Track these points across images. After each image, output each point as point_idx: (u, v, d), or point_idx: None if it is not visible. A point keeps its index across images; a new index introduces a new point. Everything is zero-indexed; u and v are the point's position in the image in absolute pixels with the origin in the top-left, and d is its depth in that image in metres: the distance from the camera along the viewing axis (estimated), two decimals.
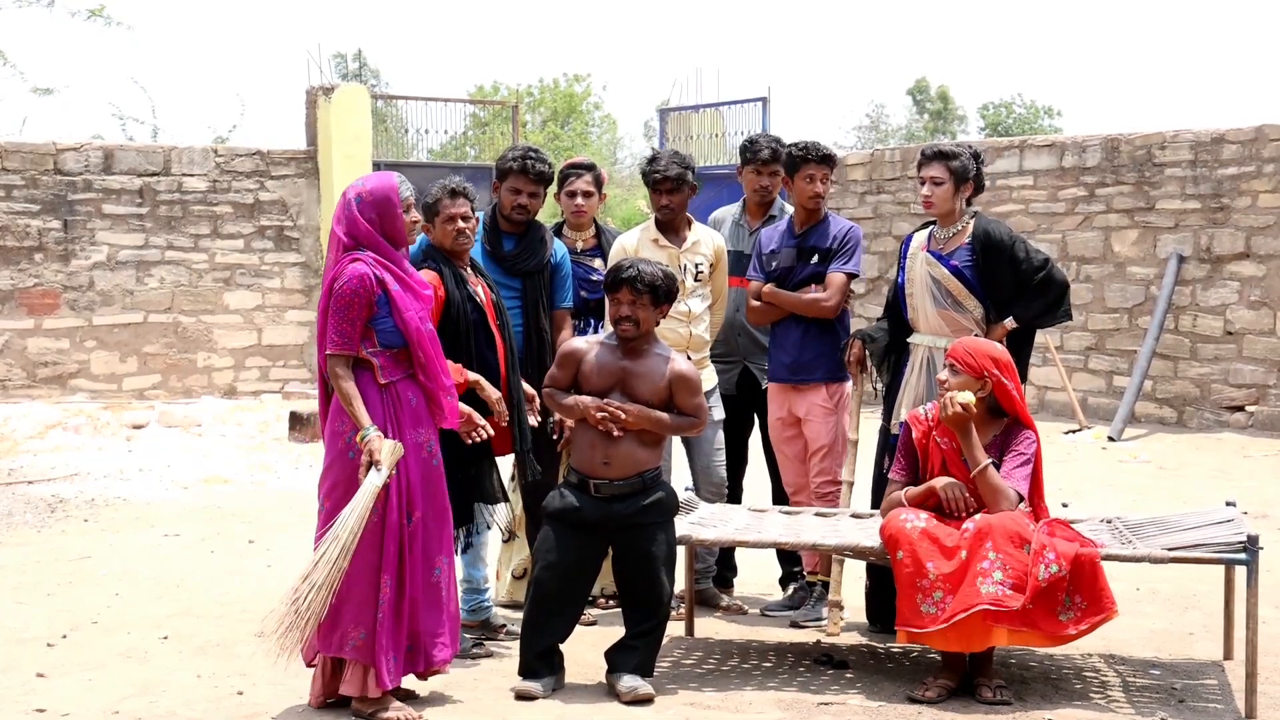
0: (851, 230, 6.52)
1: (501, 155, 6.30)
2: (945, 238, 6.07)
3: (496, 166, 6.26)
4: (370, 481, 4.79)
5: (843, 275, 6.41)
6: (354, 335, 4.89)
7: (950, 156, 6.04)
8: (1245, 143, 12.51)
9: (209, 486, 10.13)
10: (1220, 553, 5.17)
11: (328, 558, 4.72)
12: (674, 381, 5.34)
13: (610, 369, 5.35)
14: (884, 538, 5.32)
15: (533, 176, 6.10)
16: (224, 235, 14.90)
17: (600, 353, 5.39)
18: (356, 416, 4.85)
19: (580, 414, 5.32)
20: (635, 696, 5.12)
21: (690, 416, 5.38)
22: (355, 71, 36.17)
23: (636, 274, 5.33)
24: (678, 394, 5.35)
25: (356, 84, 19.74)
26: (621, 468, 5.28)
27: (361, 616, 4.85)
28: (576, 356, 5.42)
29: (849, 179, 15.78)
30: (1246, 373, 12.47)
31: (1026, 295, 6.00)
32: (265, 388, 14.96)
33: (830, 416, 6.35)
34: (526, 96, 35.03)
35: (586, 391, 5.35)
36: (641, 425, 5.29)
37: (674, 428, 5.40)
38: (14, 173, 14.09)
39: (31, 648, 5.87)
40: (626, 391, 5.32)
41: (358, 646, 4.86)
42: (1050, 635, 5.10)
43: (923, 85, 42.42)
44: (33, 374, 14.11)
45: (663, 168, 6.45)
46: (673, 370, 5.35)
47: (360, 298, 4.87)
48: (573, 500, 5.31)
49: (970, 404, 5.29)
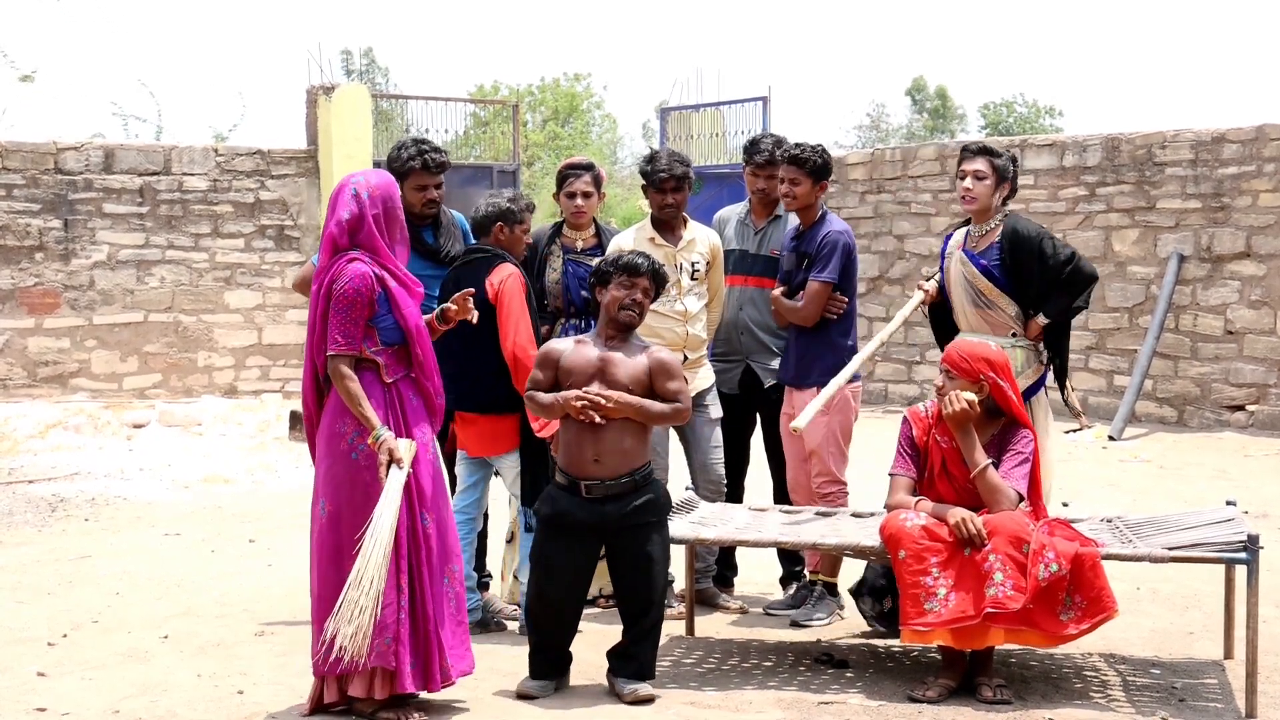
0: (829, 236, 6.38)
1: (394, 157, 6.22)
2: (978, 236, 6.16)
3: (393, 169, 6.14)
4: (394, 480, 4.78)
5: (815, 284, 6.35)
6: (357, 335, 4.87)
7: (995, 154, 6.18)
8: (1246, 142, 12.50)
9: (209, 486, 10.13)
10: (1221, 552, 5.17)
11: (374, 559, 4.69)
12: (653, 368, 5.33)
13: (589, 362, 5.33)
14: (884, 537, 5.32)
15: (434, 169, 6.18)
16: (224, 234, 14.90)
17: (577, 349, 5.39)
18: (366, 417, 4.83)
19: (562, 411, 5.29)
20: (636, 697, 5.13)
21: (673, 403, 5.36)
22: (363, 69, 36.17)
23: (648, 263, 5.41)
24: (657, 380, 5.32)
25: (357, 83, 19.73)
26: (612, 465, 5.24)
27: (385, 622, 4.81)
28: (554, 355, 5.40)
29: (849, 178, 15.78)
30: (1247, 372, 12.47)
31: (1056, 290, 6.05)
32: (266, 387, 14.96)
33: (822, 418, 6.35)
34: (527, 96, 35.06)
35: (568, 388, 5.33)
36: (624, 412, 5.24)
37: (657, 415, 5.33)
38: (14, 172, 14.09)
39: (32, 647, 5.87)
40: (606, 382, 5.29)
41: (382, 653, 4.81)
42: (1051, 634, 5.10)
43: (920, 84, 42.41)
44: (33, 373, 14.11)
45: (666, 167, 6.43)
46: (651, 357, 5.36)
47: (363, 296, 4.85)
48: (564, 504, 5.30)
49: (973, 401, 5.30)
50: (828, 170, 6.47)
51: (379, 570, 4.70)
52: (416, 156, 6.16)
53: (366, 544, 4.72)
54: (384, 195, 4.98)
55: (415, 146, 6.21)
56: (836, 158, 16.38)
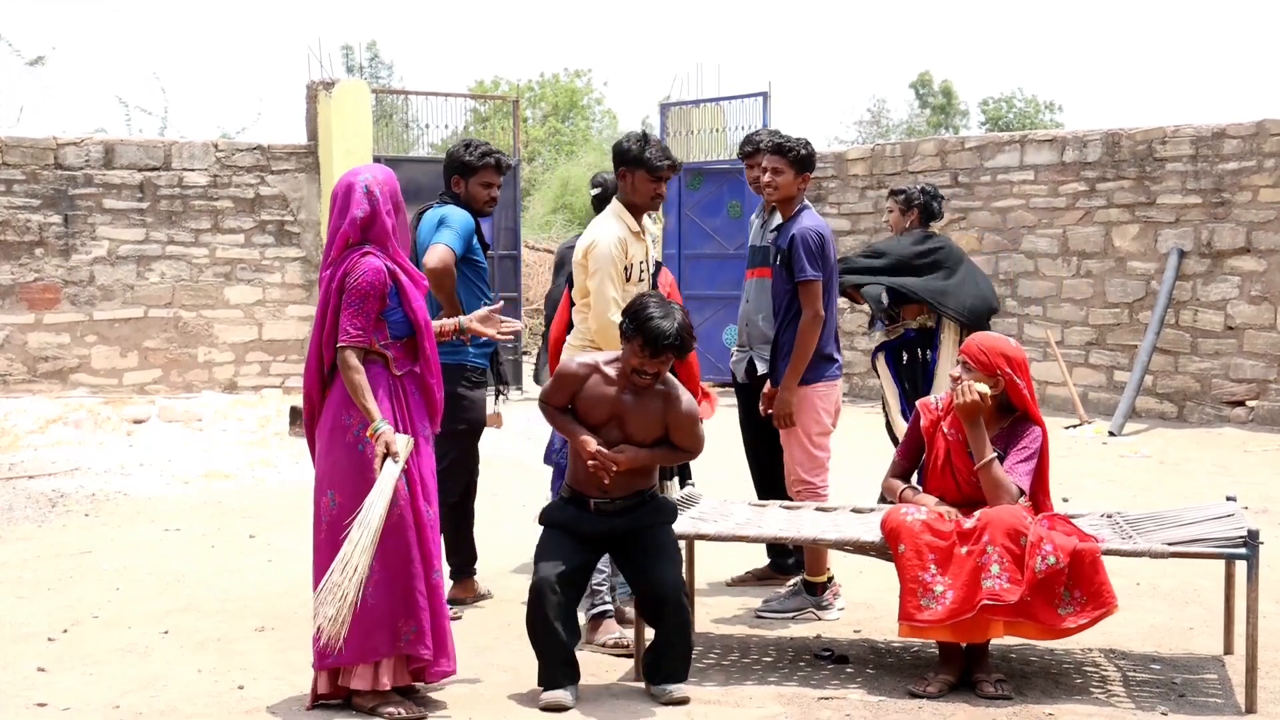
0: (794, 239, 6.33)
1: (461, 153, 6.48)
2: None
3: (462, 164, 6.45)
4: (389, 473, 4.80)
5: (802, 285, 6.30)
6: (369, 328, 4.92)
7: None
8: (1246, 138, 12.50)
9: (209, 481, 10.14)
10: (1221, 548, 5.17)
11: (361, 544, 4.73)
12: (671, 418, 5.30)
13: (607, 403, 5.29)
14: (885, 531, 5.33)
15: (502, 170, 6.53)
16: (224, 230, 14.90)
17: (597, 382, 5.32)
18: (367, 409, 4.86)
19: (575, 446, 5.32)
20: (671, 699, 5.13)
21: (686, 450, 5.39)
22: (364, 64, 36.14)
23: (680, 341, 5.17)
24: (675, 430, 5.32)
25: (357, 79, 19.72)
26: (620, 491, 5.30)
27: (409, 610, 4.87)
28: (574, 382, 5.34)
29: (850, 174, 15.78)
30: (1247, 368, 12.47)
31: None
32: (266, 382, 14.96)
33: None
34: (527, 91, 35.04)
35: (579, 417, 5.33)
36: (635, 465, 5.29)
37: (669, 460, 5.42)
38: (14, 167, 14.09)
39: (32, 643, 5.88)
40: (622, 427, 5.29)
41: (410, 641, 4.87)
42: (1048, 627, 5.11)
43: (925, 79, 42.36)
44: (33, 369, 14.11)
45: (665, 155, 6.08)
46: (671, 411, 5.30)
47: (376, 290, 4.91)
48: (571, 514, 5.33)
49: (985, 394, 5.31)
50: (810, 163, 6.48)
51: (365, 557, 4.73)
52: (490, 155, 6.46)
53: (355, 530, 4.76)
54: (393, 191, 5.06)
55: (484, 147, 6.49)
56: (837, 153, 16.45)
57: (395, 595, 4.86)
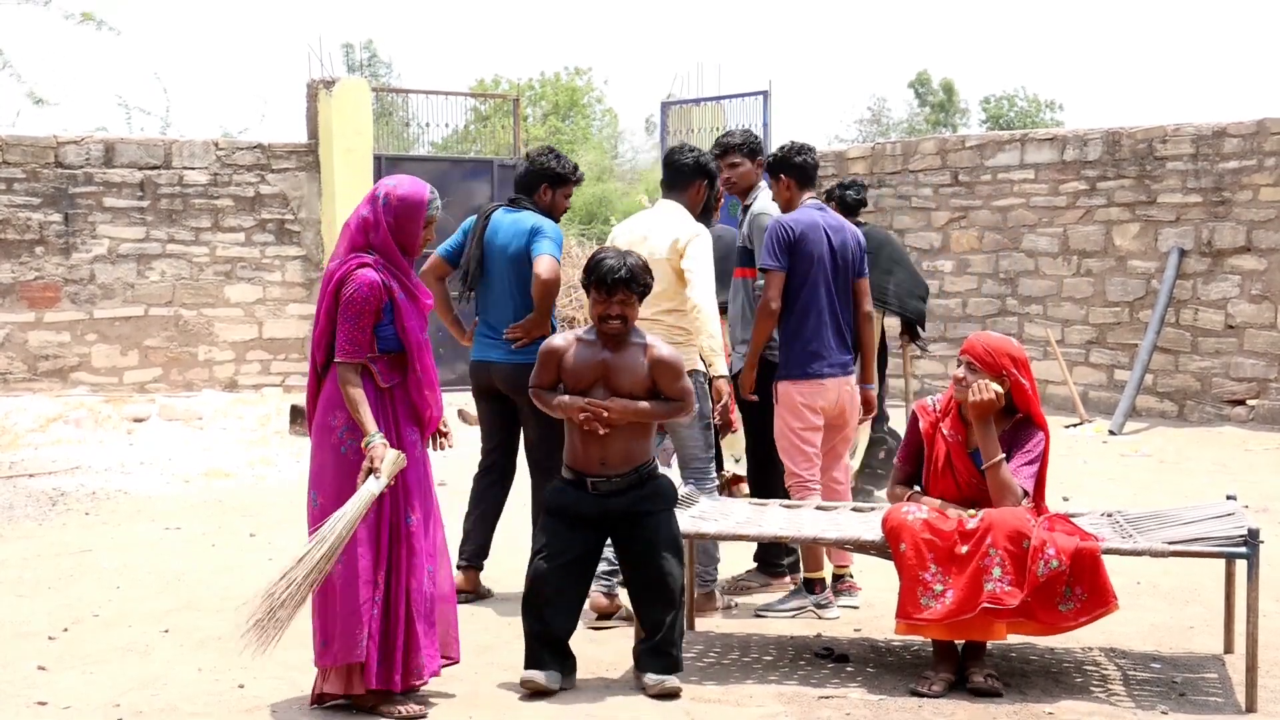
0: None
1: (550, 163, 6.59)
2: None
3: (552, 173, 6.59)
4: (367, 489, 4.79)
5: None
6: (364, 343, 4.91)
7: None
8: (1246, 136, 12.50)
9: (210, 480, 10.14)
10: (1221, 547, 5.17)
11: (310, 558, 4.73)
12: (654, 368, 5.33)
13: (591, 364, 5.33)
14: (886, 530, 5.33)
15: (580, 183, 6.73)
16: (225, 229, 14.89)
17: (579, 350, 5.37)
18: (362, 422, 4.85)
19: (566, 413, 5.33)
20: (662, 690, 5.12)
21: (676, 401, 5.38)
22: (365, 62, 36.08)
23: (630, 275, 5.31)
24: (660, 379, 5.33)
25: (357, 77, 19.70)
26: (617, 464, 5.29)
27: (368, 618, 4.83)
28: (556, 355, 5.39)
29: (850, 173, 15.77)
30: (1247, 367, 12.47)
31: None
32: (266, 381, 14.96)
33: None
34: (528, 90, 35.01)
35: (569, 388, 5.36)
36: (626, 419, 5.28)
37: (660, 414, 5.37)
38: (15, 166, 14.08)
39: (32, 641, 5.88)
40: (609, 385, 5.31)
41: (365, 646, 4.84)
42: (1049, 624, 5.11)
43: (925, 78, 42.32)
44: (34, 367, 14.11)
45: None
46: (652, 357, 5.34)
47: (370, 305, 4.89)
48: (570, 497, 5.33)
49: (1002, 392, 5.29)
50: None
51: (316, 569, 4.72)
52: (578, 170, 6.72)
53: (311, 541, 4.76)
54: (402, 205, 4.98)
55: (572, 161, 6.71)
56: (838, 152, 16.45)
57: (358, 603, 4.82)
